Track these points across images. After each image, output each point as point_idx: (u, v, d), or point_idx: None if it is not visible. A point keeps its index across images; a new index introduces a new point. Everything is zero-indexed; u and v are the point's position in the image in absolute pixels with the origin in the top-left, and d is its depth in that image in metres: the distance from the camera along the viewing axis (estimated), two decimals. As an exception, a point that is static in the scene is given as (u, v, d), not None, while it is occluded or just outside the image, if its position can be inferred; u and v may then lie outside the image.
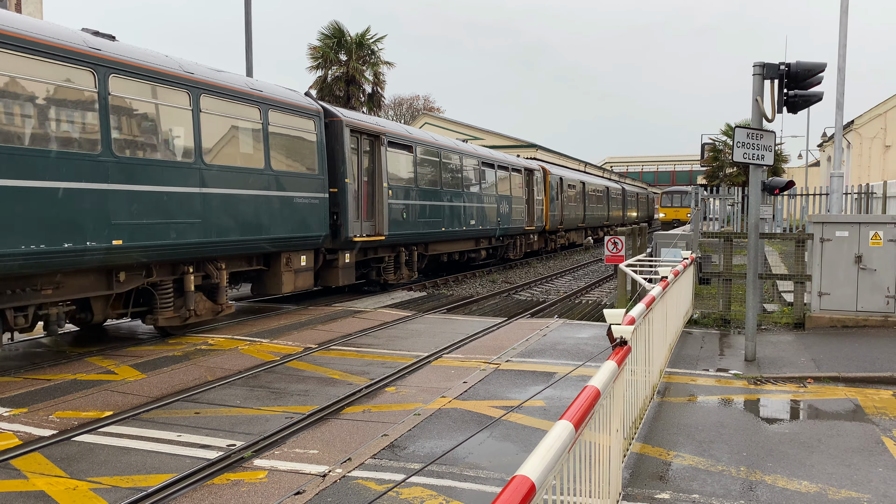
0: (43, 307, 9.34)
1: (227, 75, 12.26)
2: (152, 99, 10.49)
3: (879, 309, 11.44)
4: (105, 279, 10.06)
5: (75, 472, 5.75)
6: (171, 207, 10.56)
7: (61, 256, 8.88)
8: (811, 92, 9.36)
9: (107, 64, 9.65)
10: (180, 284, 11.38)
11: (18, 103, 8.54)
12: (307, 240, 14.00)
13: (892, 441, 6.50)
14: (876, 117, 34.10)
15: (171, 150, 10.90)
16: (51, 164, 8.72)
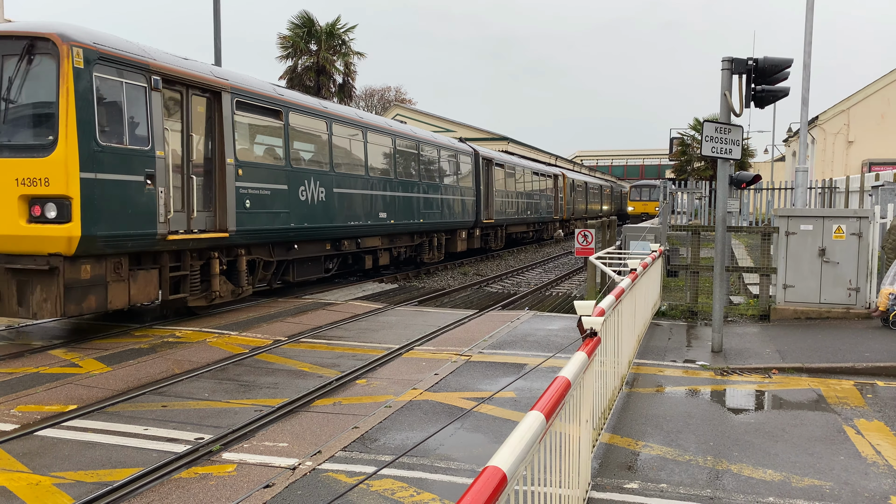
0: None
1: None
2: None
3: (842, 301, 11.68)
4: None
5: (38, 468, 5.63)
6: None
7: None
8: (778, 87, 9.50)
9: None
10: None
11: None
12: (465, 222, 24.35)
13: (854, 430, 6.65)
14: (839, 113, 34.77)
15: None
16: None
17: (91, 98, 9.51)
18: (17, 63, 9.46)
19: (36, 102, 9.59)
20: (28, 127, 9.66)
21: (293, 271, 14.95)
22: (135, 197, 10.15)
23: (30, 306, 9.52)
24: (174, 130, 11.17)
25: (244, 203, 12.54)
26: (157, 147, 10.51)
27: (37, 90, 9.52)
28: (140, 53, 10.51)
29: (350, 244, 16.93)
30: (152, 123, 10.45)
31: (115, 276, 10.22)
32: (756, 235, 15.95)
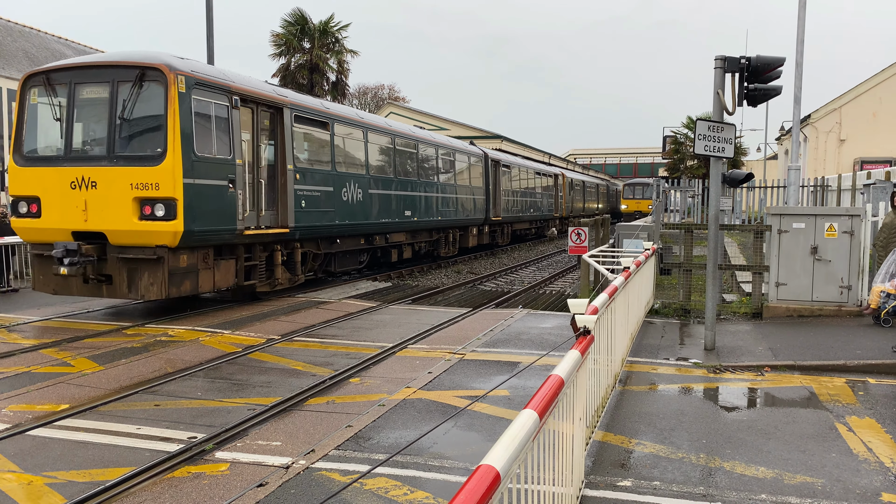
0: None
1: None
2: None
3: (834, 299, 11.73)
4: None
5: (30, 467, 5.61)
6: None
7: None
8: (770, 86, 9.53)
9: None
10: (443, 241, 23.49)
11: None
12: (476, 220, 26.25)
13: (845, 427, 6.69)
14: (831, 112, 34.91)
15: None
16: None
17: (190, 117, 11.39)
18: (130, 87, 11.36)
19: (147, 121, 11.41)
20: (141, 141, 11.46)
21: (335, 263, 16.91)
22: (221, 198, 12.07)
23: (138, 289, 11.40)
24: (246, 141, 13.00)
25: (301, 203, 14.38)
26: (236, 156, 12.46)
27: (148, 110, 11.38)
28: (223, 78, 12.44)
29: (380, 239, 18.83)
30: (233, 136, 12.38)
31: (204, 264, 12.16)
32: (749, 233, 16.01)
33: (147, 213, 11.12)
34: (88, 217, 11.32)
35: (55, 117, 11.83)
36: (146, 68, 11.29)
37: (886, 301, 10.73)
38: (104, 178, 11.25)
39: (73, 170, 11.43)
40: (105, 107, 11.49)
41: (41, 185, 11.66)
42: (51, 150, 11.95)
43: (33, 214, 11.72)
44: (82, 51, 40.33)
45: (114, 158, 11.29)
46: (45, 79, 11.91)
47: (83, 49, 40.70)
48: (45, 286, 12.11)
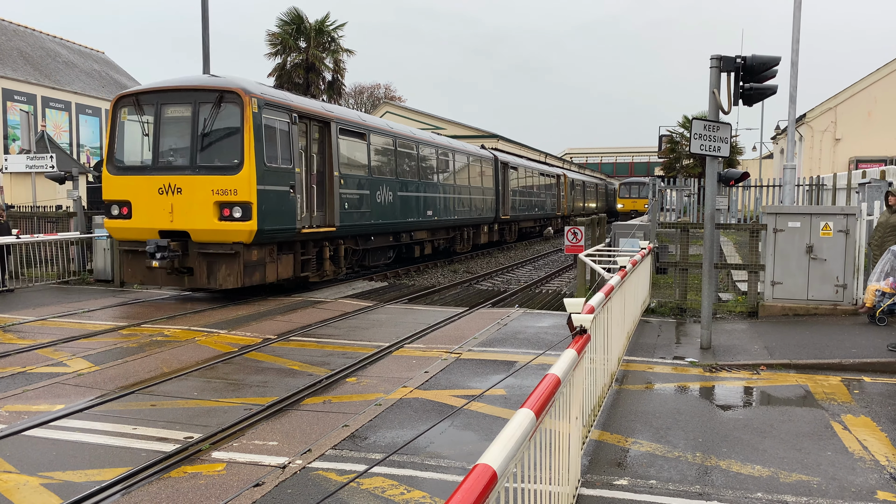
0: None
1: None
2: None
3: (829, 298, 11.76)
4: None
5: (26, 468, 5.60)
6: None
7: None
8: (766, 85, 9.54)
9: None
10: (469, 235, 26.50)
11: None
12: (487, 218, 27.77)
13: (841, 426, 6.71)
14: (826, 111, 34.98)
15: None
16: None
17: (261, 132, 13.13)
18: (210, 108, 13.14)
19: (226, 136, 13.19)
20: (220, 153, 13.18)
21: (369, 258, 18.75)
22: (284, 202, 13.80)
23: (217, 279, 13.20)
24: (302, 151, 14.78)
25: (344, 205, 16.19)
26: (295, 165, 14.24)
27: (226, 127, 13.15)
28: (284, 98, 14.36)
29: (406, 237, 20.67)
30: (293, 148, 14.16)
31: (270, 258, 13.92)
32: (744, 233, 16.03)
33: (226, 215, 12.89)
34: (174, 218, 13.13)
35: (144, 133, 13.69)
36: (225, 91, 13.13)
37: (882, 300, 10.77)
38: (188, 185, 13.04)
39: (161, 178, 13.23)
40: (188, 124, 13.32)
41: (132, 191, 13.49)
42: (140, 161, 13.77)
43: (125, 216, 13.59)
44: (78, 50, 40.19)
45: (196, 168, 13.12)
46: (135, 100, 13.77)
47: (79, 49, 40.56)
48: (132, 277, 14.06)
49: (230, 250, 12.99)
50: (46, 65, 34.58)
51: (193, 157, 13.20)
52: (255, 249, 13.37)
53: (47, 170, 18.58)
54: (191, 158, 13.21)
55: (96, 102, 35.39)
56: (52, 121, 32.32)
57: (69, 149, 32.72)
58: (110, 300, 14.13)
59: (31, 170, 18.96)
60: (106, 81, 38.75)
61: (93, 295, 14.88)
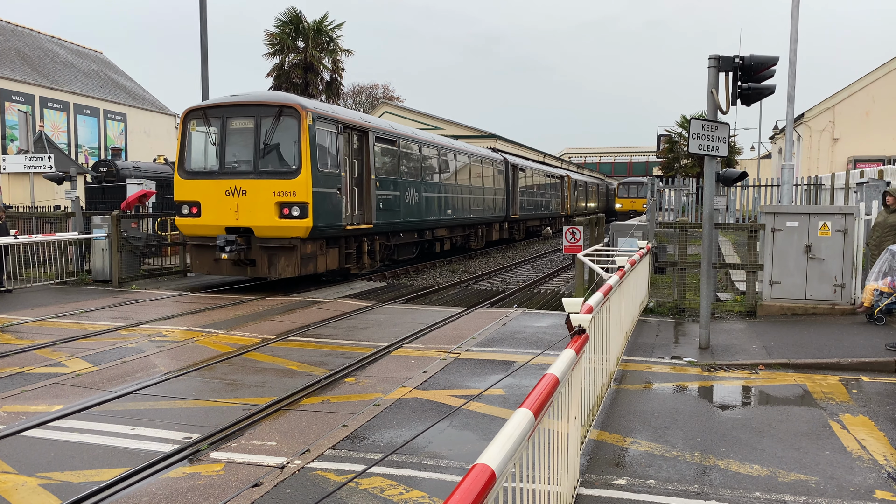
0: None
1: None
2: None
3: (827, 297, 11.78)
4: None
5: (24, 468, 5.59)
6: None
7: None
8: (764, 85, 9.55)
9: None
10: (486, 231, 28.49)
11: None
12: (498, 217, 29.64)
13: (839, 425, 6.71)
14: (825, 111, 35.00)
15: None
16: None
17: (315, 142, 14.96)
18: (271, 121, 14.99)
19: (285, 145, 15.04)
20: (281, 160, 15.06)
21: (397, 253, 20.52)
22: (333, 202, 15.60)
23: (277, 270, 15.02)
24: (346, 158, 16.50)
25: (379, 205, 18.04)
26: (341, 170, 16.10)
27: (286, 137, 14.99)
28: (332, 112, 16.35)
29: (429, 234, 22.63)
30: (339, 154, 16.01)
31: (321, 251, 15.73)
32: (743, 232, 16.05)
33: (285, 213, 14.67)
34: (239, 217, 14.93)
35: (211, 142, 15.54)
36: (284, 106, 15.02)
37: (880, 299, 10.78)
38: (252, 188, 14.88)
39: (228, 181, 15.05)
40: (251, 134, 15.14)
41: (201, 193, 15.26)
42: (208, 166, 15.59)
43: (194, 215, 15.36)
44: (76, 50, 40.15)
45: (259, 173, 14.96)
46: (203, 113, 15.66)
47: (77, 49, 40.52)
48: (201, 268, 15.87)
49: (289, 244, 14.86)
50: (44, 65, 34.54)
51: (256, 163, 15.08)
52: (310, 243, 15.25)
53: (45, 170, 18.57)
54: (254, 164, 15.10)
55: (94, 103, 35.35)
56: (50, 121, 32.28)
57: (67, 149, 32.68)
58: (108, 300, 14.12)
59: (29, 170, 18.95)
60: (104, 81, 38.71)
61: (91, 295, 14.87)
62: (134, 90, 41.11)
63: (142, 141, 38.38)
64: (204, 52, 20.93)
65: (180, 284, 16.88)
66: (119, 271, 16.52)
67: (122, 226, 16.76)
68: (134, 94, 40.30)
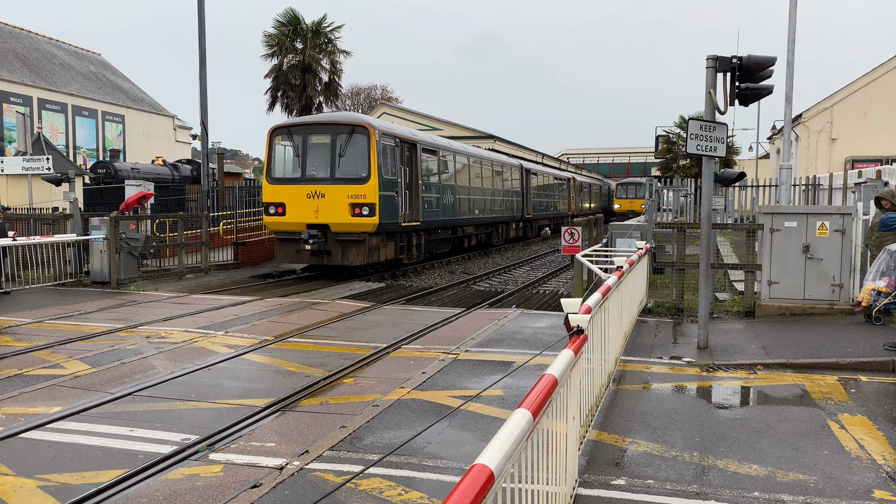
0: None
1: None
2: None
3: (825, 297, 11.78)
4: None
5: (23, 470, 5.59)
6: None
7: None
8: (762, 85, 9.55)
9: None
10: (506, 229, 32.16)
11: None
12: (514, 217, 32.78)
13: (838, 425, 6.72)
14: (822, 111, 35.02)
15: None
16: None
17: (380, 154, 18.00)
18: (345, 138, 18.20)
19: (357, 157, 18.07)
20: (353, 169, 18.07)
21: (435, 247, 23.57)
22: (393, 203, 18.60)
23: (349, 258, 17.99)
24: (400, 166, 19.44)
25: (425, 206, 21.14)
26: (398, 176, 19.09)
27: (357, 151, 18.07)
28: (392, 129, 19.92)
29: (460, 231, 25.77)
30: (396, 164, 19.00)
31: (382, 244, 18.80)
32: (741, 232, 16.06)
33: (357, 213, 17.69)
34: (318, 215, 17.91)
35: (295, 154, 18.72)
36: (356, 126, 18.18)
37: (878, 299, 10.79)
38: (329, 192, 17.92)
39: (308, 187, 18.10)
40: (328, 148, 18.33)
41: (286, 196, 18.26)
42: (292, 174, 18.66)
43: (280, 214, 18.32)
44: (74, 52, 40.12)
45: (335, 179, 18.03)
46: (287, 131, 18.87)
47: (75, 50, 40.49)
48: (285, 257, 18.89)
49: (359, 238, 17.87)
50: (42, 66, 34.50)
51: (333, 171, 18.18)
52: (375, 237, 18.28)
53: (43, 172, 18.54)
54: (331, 172, 18.19)
55: (92, 104, 35.32)
56: (49, 122, 32.25)
57: (65, 150, 32.63)
58: (107, 302, 14.11)
59: (27, 172, 18.92)
60: (102, 83, 38.68)
61: (89, 297, 14.85)
62: (132, 91, 41.08)
63: (140, 142, 38.35)
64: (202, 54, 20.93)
65: (179, 286, 16.87)
66: (117, 273, 16.51)
67: (121, 227, 16.75)
68: (132, 96, 40.27)
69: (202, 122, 24.48)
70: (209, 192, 25.18)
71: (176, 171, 29.52)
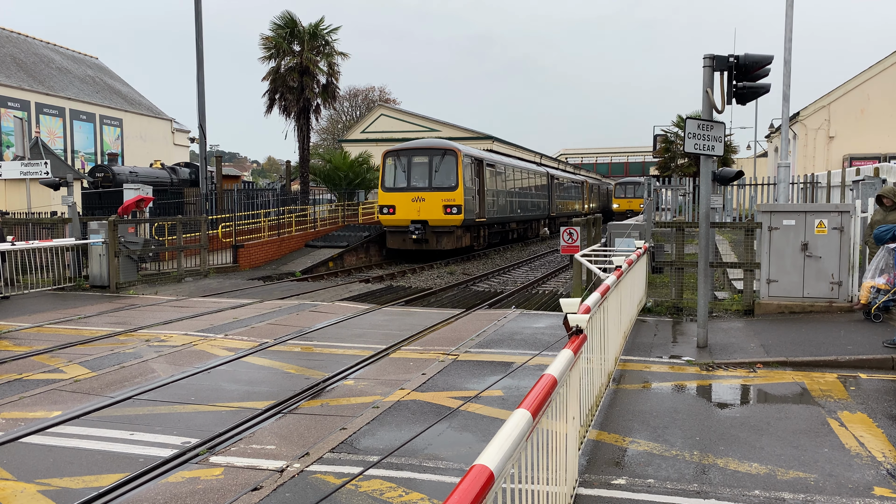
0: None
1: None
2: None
3: (824, 295, 11.79)
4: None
5: (23, 475, 5.58)
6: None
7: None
8: (759, 84, 9.56)
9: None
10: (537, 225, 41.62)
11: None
12: (543, 215, 41.64)
13: (837, 422, 6.72)
14: (820, 109, 35.04)
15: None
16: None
17: (464, 169, 26.17)
18: (440, 158, 26.31)
19: (448, 172, 26.08)
20: (445, 180, 25.92)
21: (492, 238, 31.24)
22: (471, 204, 26.55)
23: (441, 244, 25.59)
24: (474, 176, 27.49)
25: (488, 206, 29.05)
26: (473, 184, 26.50)
27: (448, 167, 26.15)
28: (470, 151, 27.78)
29: (508, 226, 34.11)
30: (472, 176, 26.64)
31: (463, 234, 26.27)
32: (739, 231, 16.07)
33: (448, 211, 25.57)
34: (420, 214, 25.89)
35: (402, 170, 26.98)
36: (447, 150, 26.46)
37: (877, 296, 10.80)
38: (428, 197, 25.93)
39: (413, 193, 26.26)
40: (426, 166, 26.42)
41: (395, 200, 26.50)
42: (400, 184, 26.84)
43: (391, 213, 26.47)
44: (71, 56, 40.11)
45: (432, 188, 26.11)
46: (396, 153, 27.35)
47: (72, 54, 40.48)
48: (394, 244, 26.80)
49: (449, 230, 25.90)
50: (40, 71, 34.49)
51: (430, 182, 26.33)
52: (460, 230, 26.25)
53: (42, 176, 18.54)
54: (429, 183, 26.33)
55: (90, 108, 35.30)
56: (46, 127, 32.23)
57: (63, 155, 32.62)
58: (106, 306, 14.11)
59: (25, 176, 18.92)
60: (100, 87, 38.66)
61: (88, 301, 14.85)
62: (130, 95, 41.07)
63: (138, 146, 38.33)
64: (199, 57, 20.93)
65: (178, 289, 16.87)
66: (116, 276, 16.50)
67: (119, 231, 16.74)
68: (130, 100, 40.25)
69: (200, 125, 24.48)
70: (208, 195, 25.19)
71: (174, 174, 29.53)
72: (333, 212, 34.37)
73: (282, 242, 25.43)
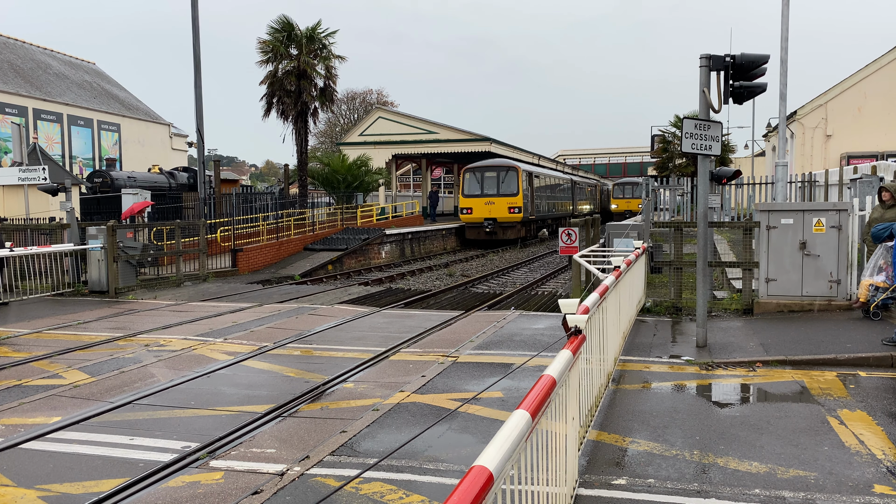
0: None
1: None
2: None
3: (823, 293, 11.80)
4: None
5: (23, 481, 5.58)
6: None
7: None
8: (756, 83, 9.57)
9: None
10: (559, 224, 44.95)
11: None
12: (567, 213, 49.97)
13: (837, 421, 6.73)
14: (817, 108, 35.07)
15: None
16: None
17: (524, 181, 37.16)
18: (505, 172, 37.06)
19: (512, 182, 36.61)
20: (509, 188, 36.51)
21: (535, 231, 40.51)
22: (527, 206, 38.30)
23: (507, 235, 36.47)
24: (527, 184, 37.77)
25: (533, 206, 38.84)
26: (528, 190, 37.61)
27: (512, 179, 36.70)
28: (525, 167, 40.05)
29: (546, 222, 43.21)
30: (525, 183, 37.35)
31: (522, 228, 37.56)
32: (738, 230, 16.08)
33: (511, 211, 35.54)
34: (491, 213, 35.63)
35: (477, 182, 36.67)
36: (510, 167, 36.92)
37: (875, 294, 10.81)
38: (497, 201, 35.75)
39: (486, 198, 35.96)
40: (496, 179, 36.31)
41: (472, 204, 36.24)
42: (475, 192, 36.46)
43: (469, 213, 36.19)
44: (68, 62, 40.12)
45: (500, 194, 35.86)
46: (472, 170, 37.33)
47: (69, 60, 40.49)
48: (471, 235, 36.44)
49: (512, 225, 35.36)
50: (37, 76, 34.49)
51: (499, 189, 35.54)
52: (520, 225, 35.79)
53: (40, 182, 18.53)
54: (497, 190, 35.52)
55: (88, 113, 35.30)
56: (44, 133, 32.22)
57: (62, 160, 32.59)
58: (105, 311, 14.10)
59: (23, 182, 18.92)
60: (97, 92, 38.67)
61: (88, 306, 14.84)
62: (127, 100, 41.07)
63: (136, 151, 38.32)
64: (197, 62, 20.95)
65: (177, 293, 16.86)
66: (115, 281, 16.50)
67: (118, 236, 16.74)
68: (127, 105, 40.26)
69: (198, 129, 24.48)
70: (206, 199, 25.18)
71: (172, 178, 29.51)
72: (332, 215, 34.38)
73: (280, 246, 25.44)
